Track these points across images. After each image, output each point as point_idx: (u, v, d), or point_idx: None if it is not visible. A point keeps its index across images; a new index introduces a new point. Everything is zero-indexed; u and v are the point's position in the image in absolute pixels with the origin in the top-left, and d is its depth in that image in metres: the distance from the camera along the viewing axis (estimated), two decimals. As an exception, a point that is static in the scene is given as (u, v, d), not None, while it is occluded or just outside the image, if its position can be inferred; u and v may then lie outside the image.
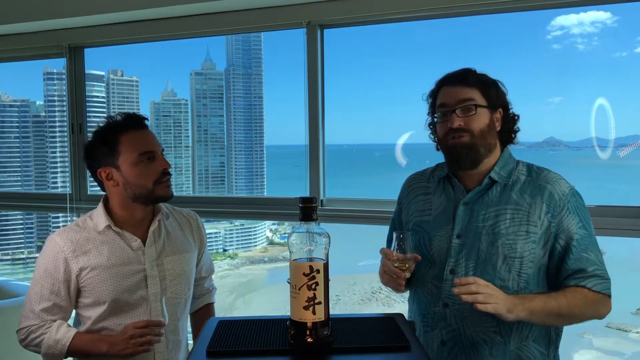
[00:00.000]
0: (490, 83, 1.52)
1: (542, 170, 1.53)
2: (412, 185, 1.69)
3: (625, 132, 3.23)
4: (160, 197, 1.74)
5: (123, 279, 1.71)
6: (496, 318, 1.43)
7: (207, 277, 2.01)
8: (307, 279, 1.12)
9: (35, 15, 2.99)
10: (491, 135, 1.50)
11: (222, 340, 1.23)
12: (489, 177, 1.50)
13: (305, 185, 2.73)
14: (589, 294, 1.43)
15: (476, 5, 2.37)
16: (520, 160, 1.57)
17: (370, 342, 1.21)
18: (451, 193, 1.57)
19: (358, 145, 5.35)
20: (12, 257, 4.96)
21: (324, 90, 2.72)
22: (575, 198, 1.49)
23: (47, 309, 1.71)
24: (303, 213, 1.15)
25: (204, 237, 1.95)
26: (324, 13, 2.60)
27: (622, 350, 4.18)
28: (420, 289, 1.59)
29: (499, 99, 1.52)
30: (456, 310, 1.49)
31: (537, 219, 1.46)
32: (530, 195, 1.48)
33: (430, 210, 1.59)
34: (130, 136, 1.71)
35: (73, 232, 1.74)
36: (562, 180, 1.51)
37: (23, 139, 4.56)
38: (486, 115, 1.49)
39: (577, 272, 1.44)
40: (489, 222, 1.48)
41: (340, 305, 5.60)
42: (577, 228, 1.46)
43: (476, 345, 1.48)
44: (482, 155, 1.50)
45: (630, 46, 4.60)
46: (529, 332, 1.48)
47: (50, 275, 1.71)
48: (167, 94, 4.97)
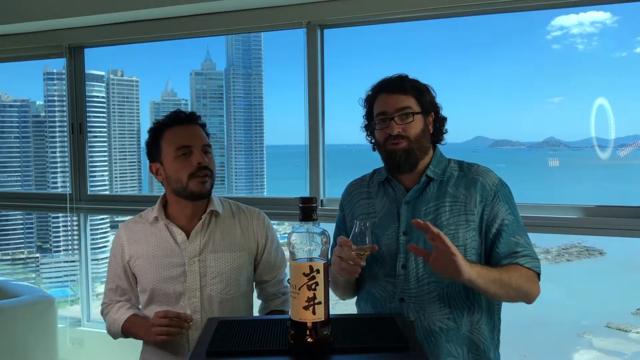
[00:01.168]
0: (424, 89, 1.62)
1: (472, 165, 1.65)
2: (353, 191, 1.76)
3: (625, 132, 3.23)
4: (194, 193, 1.74)
5: (163, 270, 1.76)
6: (449, 305, 1.53)
7: (270, 280, 1.90)
8: (307, 279, 1.12)
9: (35, 15, 2.99)
10: (426, 139, 1.61)
11: (222, 340, 1.23)
12: (425, 175, 1.61)
13: (305, 185, 2.74)
14: (522, 269, 1.51)
15: (476, 5, 2.38)
16: (451, 158, 1.67)
17: (370, 342, 1.21)
18: (392, 194, 1.65)
19: (358, 145, 5.34)
20: (12, 257, 4.96)
21: (324, 90, 2.72)
22: (504, 187, 1.59)
23: (113, 289, 1.87)
24: (303, 213, 1.15)
25: (264, 238, 1.87)
26: (324, 13, 2.60)
27: (622, 350, 4.18)
28: (373, 288, 1.64)
29: (431, 104, 1.62)
30: (413, 303, 1.56)
31: (473, 207, 1.55)
32: (464, 187, 1.58)
33: (375, 213, 1.66)
34: (171, 131, 1.76)
35: (133, 222, 1.86)
36: (492, 172, 1.62)
37: (23, 139, 4.56)
38: (421, 120, 1.60)
39: (508, 254, 1.53)
40: (430, 216, 1.57)
41: (340, 305, 5.59)
42: (507, 214, 1.55)
43: (433, 333, 1.55)
44: (418, 158, 1.60)
45: (630, 46, 4.60)
46: (480, 316, 1.57)
47: (114, 259, 1.85)
48: (167, 94, 4.97)
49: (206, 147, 1.78)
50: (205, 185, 1.75)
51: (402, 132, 1.57)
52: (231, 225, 1.84)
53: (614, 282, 5.05)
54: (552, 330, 4.25)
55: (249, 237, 1.85)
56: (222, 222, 1.83)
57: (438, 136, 1.66)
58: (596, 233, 2.28)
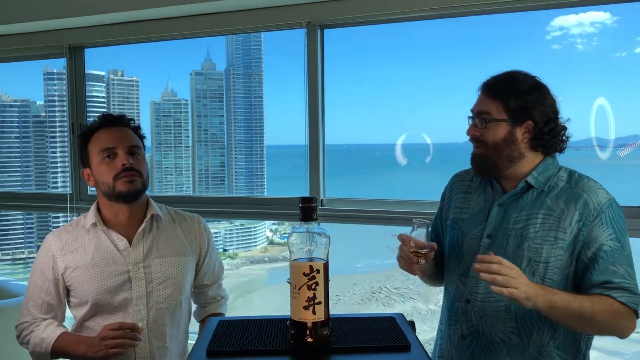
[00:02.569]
0: (521, 95, 1.47)
1: (583, 177, 1.50)
2: (455, 183, 1.71)
3: (625, 132, 3.23)
4: (122, 193, 1.67)
5: (106, 279, 1.69)
6: (516, 319, 1.45)
7: (211, 285, 1.92)
8: (307, 279, 1.12)
9: (35, 15, 2.99)
10: (511, 148, 1.48)
11: (222, 340, 1.23)
12: (525, 181, 1.50)
13: (305, 185, 2.73)
14: (614, 304, 1.38)
15: (476, 5, 2.37)
16: (564, 167, 1.54)
17: (370, 342, 1.21)
18: (489, 194, 1.58)
19: (358, 145, 5.35)
20: (12, 257, 4.96)
21: (324, 90, 2.72)
22: (613, 209, 1.44)
23: (39, 306, 1.72)
24: (303, 213, 1.15)
25: (206, 243, 1.87)
26: (324, 13, 2.60)
27: (622, 350, 4.18)
28: (449, 284, 1.64)
29: (527, 112, 1.47)
30: (477, 307, 1.52)
31: (567, 226, 1.43)
32: (564, 201, 1.46)
33: (468, 209, 1.62)
34: (97, 135, 1.72)
35: (64, 231, 1.76)
36: (602, 190, 1.47)
37: (23, 139, 4.56)
38: (504, 128, 1.48)
39: (602, 283, 1.40)
40: (519, 225, 1.48)
41: (340, 305, 5.60)
42: (608, 239, 1.41)
43: (494, 344, 1.50)
44: (500, 166, 1.50)
45: (629, 46, 4.60)
46: (550, 337, 1.46)
47: (41, 274, 1.73)
48: (167, 94, 4.97)
49: (133, 148, 1.72)
50: (134, 183, 1.68)
51: (479, 136, 1.50)
52: (173, 230, 1.80)
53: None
54: (552, 330, 4.22)
55: (192, 241, 1.83)
56: (163, 227, 1.79)
57: (547, 145, 1.51)
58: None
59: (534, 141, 1.49)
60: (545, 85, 1.52)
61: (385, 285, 6.00)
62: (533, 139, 1.49)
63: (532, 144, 1.49)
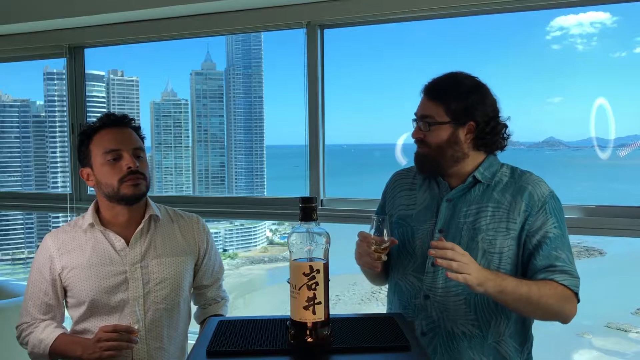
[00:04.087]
0: (462, 96, 1.51)
1: (525, 172, 1.58)
2: (397, 180, 1.74)
3: (625, 132, 3.23)
4: (126, 196, 1.67)
5: (103, 280, 1.68)
6: (476, 311, 1.48)
7: (211, 285, 1.90)
8: (307, 279, 1.12)
9: (35, 15, 2.99)
10: (455, 149, 1.53)
11: (222, 341, 1.23)
12: (472, 176, 1.55)
13: (305, 185, 2.73)
14: (558, 287, 1.44)
15: (476, 5, 2.37)
16: (505, 163, 1.61)
17: (370, 342, 1.21)
18: (435, 190, 1.61)
19: (358, 145, 5.35)
20: (12, 257, 4.96)
21: (324, 90, 2.72)
22: (554, 200, 1.52)
23: (38, 307, 1.72)
24: (303, 213, 1.15)
25: (205, 242, 1.86)
26: (324, 13, 2.60)
27: (622, 350, 4.18)
28: (401, 281, 1.63)
29: (468, 113, 1.51)
30: (437, 302, 1.53)
31: (516, 216, 1.49)
32: (511, 194, 1.52)
33: (415, 205, 1.64)
34: (101, 135, 1.70)
35: (62, 232, 1.75)
36: (543, 183, 1.54)
37: (23, 139, 4.56)
38: (447, 130, 1.52)
39: (546, 267, 1.46)
40: (470, 219, 1.52)
41: (340, 305, 5.59)
42: (552, 227, 1.48)
43: (455, 337, 1.52)
44: (444, 166, 1.55)
45: (629, 46, 4.60)
46: (505, 327, 1.51)
47: (39, 274, 1.73)
48: (167, 94, 4.97)
49: (137, 150, 1.71)
50: (139, 187, 1.68)
51: (423, 138, 1.55)
52: (171, 230, 1.80)
53: (614, 282, 5.05)
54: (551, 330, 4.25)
55: (190, 242, 1.82)
56: (161, 227, 1.78)
57: (489, 144, 1.56)
58: (596, 233, 2.27)
59: (476, 141, 1.54)
60: (486, 85, 1.57)
61: (385, 286, 6.00)
62: (475, 139, 1.53)
63: (475, 143, 1.54)
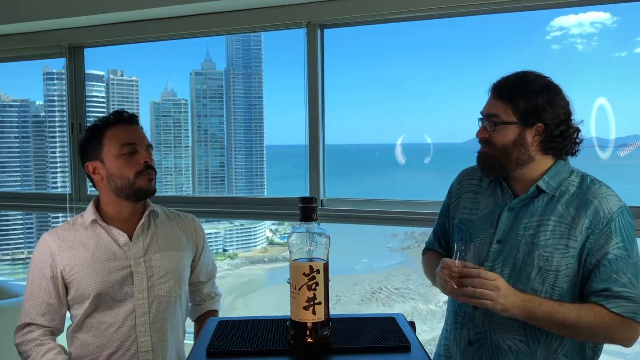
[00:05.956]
0: (531, 96, 1.43)
1: (595, 183, 1.46)
2: (464, 180, 1.66)
3: (625, 132, 3.23)
4: (142, 190, 1.71)
5: (108, 275, 1.70)
6: (524, 327, 1.43)
7: (207, 282, 1.95)
8: (307, 279, 1.12)
9: (35, 15, 2.99)
10: (520, 151, 1.45)
11: (222, 341, 1.23)
12: (536, 186, 1.46)
13: (305, 185, 2.73)
14: (606, 315, 1.35)
15: (476, 5, 2.37)
16: (576, 170, 1.50)
17: (370, 342, 1.21)
18: (499, 197, 1.54)
19: (358, 145, 5.35)
20: (12, 257, 4.96)
21: (324, 90, 2.72)
22: (622, 218, 1.40)
23: (38, 307, 1.71)
24: (303, 213, 1.15)
25: (201, 240, 1.92)
26: (324, 13, 2.60)
27: (623, 350, 4.17)
28: None
29: (536, 114, 1.43)
30: (484, 313, 1.47)
31: (578, 234, 1.40)
32: (575, 208, 1.42)
33: (477, 210, 1.57)
34: (115, 129, 1.73)
35: (62, 230, 1.76)
36: (613, 197, 1.43)
37: (23, 139, 4.56)
38: (513, 131, 1.44)
39: (600, 291, 1.37)
40: (529, 232, 1.45)
41: (340, 305, 5.60)
42: (614, 248, 1.38)
43: (501, 351, 1.46)
44: (507, 168, 1.48)
45: (629, 46, 4.60)
46: (558, 345, 1.44)
47: (39, 273, 1.72)
48: (167, 94, 4.97)
49: (149, 147, 1.76)
50: (152, 182, 1.73)
51: (488, 138, 1.48)
52: (170, 226, 1.84)
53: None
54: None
55: (189, 238, 1.88)
56: (161, 223, 1.82)
57: (558, 149, 1.46)
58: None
59: (544, 144, 1.45)
60: (558, 86, 1.48)
61: (385, 286, 5.99)
62: (543, 142, 1.45)
63: (543, 147, 1.45)
